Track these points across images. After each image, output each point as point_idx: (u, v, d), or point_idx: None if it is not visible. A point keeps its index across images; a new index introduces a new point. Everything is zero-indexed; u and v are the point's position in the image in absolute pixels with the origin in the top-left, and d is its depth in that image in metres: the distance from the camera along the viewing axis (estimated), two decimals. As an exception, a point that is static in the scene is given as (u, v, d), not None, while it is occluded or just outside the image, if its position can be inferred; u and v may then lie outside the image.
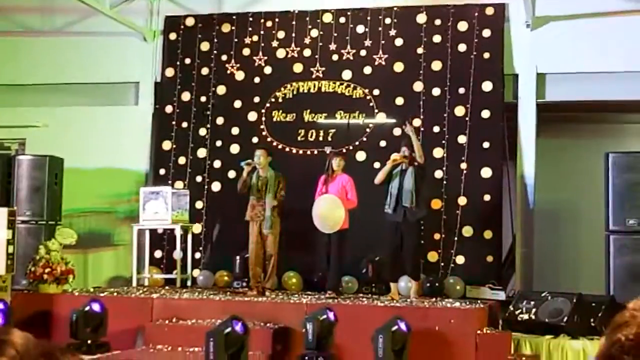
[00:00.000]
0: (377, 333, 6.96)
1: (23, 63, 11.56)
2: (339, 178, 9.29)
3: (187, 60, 11.20)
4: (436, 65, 10.45)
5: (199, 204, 10.75)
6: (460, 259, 9.90)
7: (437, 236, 9.99)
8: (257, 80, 10.99)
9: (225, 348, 6.63)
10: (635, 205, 8.71)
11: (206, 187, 10.84)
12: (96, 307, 8.12)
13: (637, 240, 8.69)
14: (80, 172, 10.74)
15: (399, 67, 10.60)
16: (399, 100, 10.50)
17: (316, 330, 7.29)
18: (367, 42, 10.73)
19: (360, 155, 10.33)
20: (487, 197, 9.96)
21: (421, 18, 10.61)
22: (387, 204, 8.85)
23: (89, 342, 8.08)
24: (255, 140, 10.77)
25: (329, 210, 8.92)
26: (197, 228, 10.62)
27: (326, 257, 9.13)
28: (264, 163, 9.34)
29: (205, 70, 11.14)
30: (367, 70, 10.68)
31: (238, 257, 10.01)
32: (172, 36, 11.33)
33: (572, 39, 10.15)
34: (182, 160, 10.96)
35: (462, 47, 10.41)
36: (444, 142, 10.22)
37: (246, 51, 11.07)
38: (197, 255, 10.55)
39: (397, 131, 10.41)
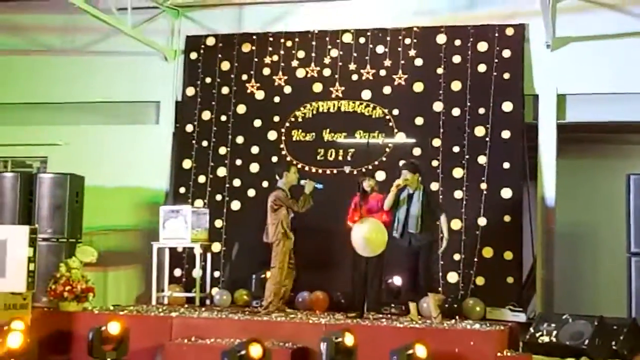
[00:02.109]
0: (392, 355, 6.93)
1: (45, 81, 11.67)
2: (374, 198, 9.28)
3: (208, 80, 11.27)
4: (456, 86, 10.46)
5: (218, 223, 10.78)
6: (480, 280, 9.86)
7: (456, 257, 9.96)
8: (277, 99, 11.04)
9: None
10: (657, 227, 8.65)
11: (226, 206, 10.86)
12: (115, 325, 8.11)
13: (658, 262, 8.62)
14: (100, 190, 10.81)
15: (418, 87, 10.61)
16: (419, 120, 10.51)
17: (331, 351, 7.26)
18: (387, 62, 10.76)
19: (380, 175, 10.31)
20: (507, 218, 9.92)
21: (441, 38, 10.63)
22: (395, 229, 8.83)
23: (109, 360, 8.09)
24: (274, 159, 10.81)
25: (373, 234, 8.83)
26: (216, 247, 10.64)
27: (360, 279, 9.10)
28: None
29: (225, 90, 11.20)
30: (387, 90, 10.70)
31: (254, 276, 10.03)
32: (193, 55, 11.41)
33: (593, 60, 10.14)
34: (202, 179, 11.00)
35: (482, 68, 10.41)
36: (463, 162, 10.21)
37: (266, 71, 11.13)
38: (216, 274, 10.56)
39: (417, 151, 10.42)
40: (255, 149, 10.95)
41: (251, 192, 10.84)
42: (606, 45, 10.13)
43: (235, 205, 10.87)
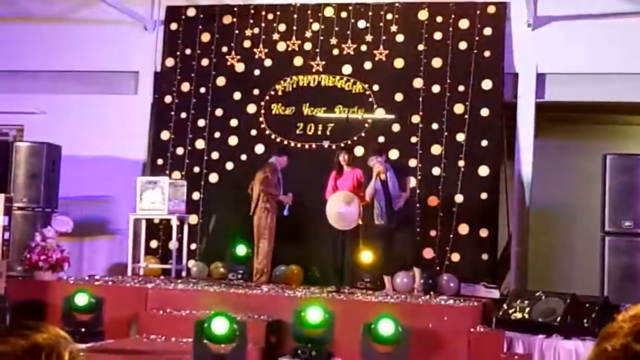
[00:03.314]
0: (364, 328, 6.98)
1: (22, 49, 11.53)
2: (349, 173, 9.30)
3: (188, 51, 11.19)
4: (436, 62, 10.45)
5: (196, 195, 10.75)
6: (455, 257, 9.92)
7: (432, 233, 10.01)
8: (257, 72, 10.99)
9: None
10: (631, 207, 8.73)
11: (204, 178, 10.84)
12: (83, 295, 8.09)
13: (632, 242, 8.71)
14: (77, 159, 10.73)
15: (399, 63, 10.60)
16: (399, 96, 10.50)
17: (299, 324, 7.32)
18: (368, 37, 10.73)
19: (359, 150, 10.32)
20: (484, 196, 9.97)
21: (423, 15, 10.61)
22: (379, 216, 8.84)
23: (82, 330, 8.08)
24: (253, 132, 10.78)
25: (347, 207, 8.89)
26: (193, 219, 10.62)
27: (335, 253, 9.12)
28: None
29: (205, 61, 11.13)
30: (368, 65, 10.68)
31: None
32: (173, 26, 11.32)
33: (573, 39, 10.16)
34: (180, 150, 10.96)
35: (462, 45, 10.41)
36: (442, 139, 10.23)
37: (247, 43, 11.06)
38: (193, 246, 10.55)
39: (396, 127, 10.43)
40: (234, 122, 10.91)
41: (229, 165, 10.82)
42: (587, 25, 10.14)
43: (213, 177, 10.84)
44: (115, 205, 10.89)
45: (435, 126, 10.28)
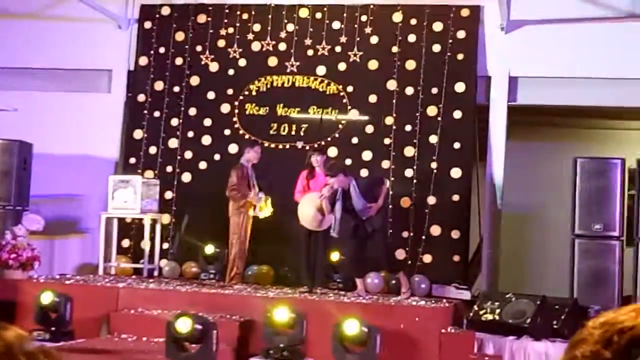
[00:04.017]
0: (334, 329, 7.01)
1: (-5, 45, 11.44)
2: (321, 174, 9.31)
3: (162, 50, 11.14)
4: (410, 65, 10.50)
5: (168, 195, 10.71)
6: (427, 258, 9.97)
7: (405, 234, 10.05)
8: (231, 72, 10.97)
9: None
10: (601, 211, 8.85)
11: (176, 177, 10.80)
12: (54, 294, 8.04)
13: (601, 245, 8.83)
14: (49, 157, 10.65)
15: (373, 64, 10.63)
16: (372, 98, 10.54)
17: (270, 324, 7.34)
18: (343, 39, 10.75)
19: (332, 151, 10.35)
20: (456, 197, 10.03)
21: (397, 17, 10.65)
22: (332, 229, 8.84)
23: (52, 329, 8.04)
24: (227, 132, 10.76)
25: (318, 208, 8.91)
26: (166, 218, 10.59)
27: (307, 254, 9.14)
28: None
29: (179, 60, 11.09)
30: (342, 66, 10.70)
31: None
32: (147, 25, 11.27)
33: (545, 43, 10.25)
34: (153, 149, 10.91)
35: (436, 48, 10.46)
36: (415, 141, 10.28)
37: (221, 43, 11.04)
38: (165, 245, 10.52)
39: (369, 128, 10.46)
40: (207, 121, 10.88)
41: (202, 165, 10.79)
42: (559, 30, 10.24)
43: (186, 177, 10.81)
44: (87, 204, 10.83)
45: (408, 128, 10.33)
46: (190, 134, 10.88)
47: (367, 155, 10.36)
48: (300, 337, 7.38)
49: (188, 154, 10.85)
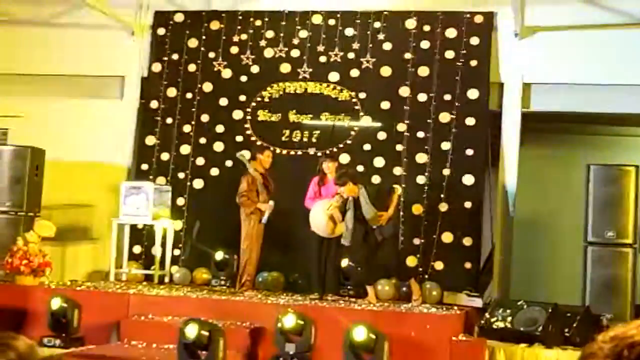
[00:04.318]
0: (345, 336, 6.98)
1: (8, 52, 11.48)
2: (333, 181, 9.29)
3: (175, 56, 11.17)
4: (423, 71, 10.47)
5: (180, 201, 10.72)
6: (438, 265, 9.92)
7: (416, 241, 10.00)
8: (243, 79, 10.97)
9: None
10: (614, 218, 8.77)
11: (188, 184, 10.81)
12: (64, 300, 8.06)
13: (614, 252, 8.75)
14: (62, 164, 10.69)
15: (386, 71, 10.60)
16: (385, 105, 10.51)
17: (280, 330, 7.32)
18: (356, 45, 10.73)
19: (344, 158, 10.33)
20: (468, 204, 9.97)
21: (410, 23, 10.62)
22: (344, 237, 8.83)
23: (63, 335, 8.05)
24: (239, 139, 10.76)
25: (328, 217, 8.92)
26: (177, 225, 10.59)
27: (319, 260, 9.11)
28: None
29: (192, 67, 11.11)
30: (354, 73, 10.68)
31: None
32: (161, 31, 11.30)
33: (559, 50, 10.20)
34: (165, 156, 10.93)
35: (449, 54, 10.42)
36: (427, 147, 10.24)
37: (234, 49, 11.05)
38: (177, 252, 10.52)
39: (382, 135, 10.43)
40: (220, 128, 10.89)
41: (214, 171, 10.80)
42: (572, 36, 10.18)
43: (198, 183, 10.81)
44: (99, 210, 10.85)
45: (420, 134, 10.29)
46: (203, 140, 10.89)
47: (379, 162, 10.33)
48: (309, 344, 7.34)
49: (200, 161, 10.86)
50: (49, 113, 11.13)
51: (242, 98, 10.89)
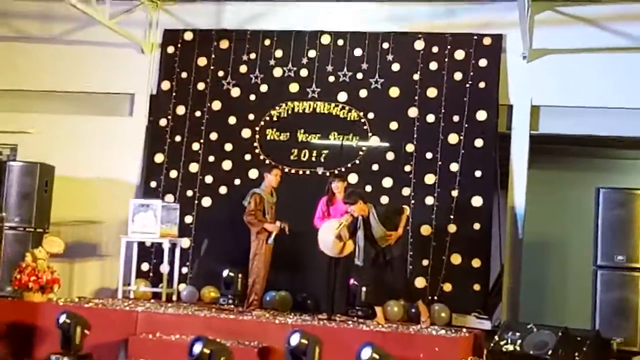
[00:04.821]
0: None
1: (19, 69, 11.54)
2: (341, 201, 9.30)
3: (184, 75, 11.21)
4: (431, 92, 10.50)
5: (188, 219, 10.73)
6: (447, 287, 9.90)
7: (425, 262, 10.00)
8: (252, 97, 11.01)
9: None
10: (624, 242, 8.76)
11: (196, 202, 10.82)
12: (69, 317, 8.05)
13: (624, 276, 8.73)
14: (71, 180, 10.71)
15: (394, 92, 10.63)
16: (393, 125, 10.53)
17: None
18: (364, 66, 10.77)
19: (353, 178, 10.34)
20: (476, 226, 9.97)
21: (419, 44, 10.66)
22: (357, 257, 8.85)
23: (71, 352, 8.04)
24: (248, 157, 10.78)
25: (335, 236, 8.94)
26: (185, 242, 10.59)
27: (328, 280, 9.11)
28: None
29: (201, 85, 11.14)
30: (363, 93, 10.71)
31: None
32: (170, 49, 11.35)
33: (568, 72, 10.22)
34: (173, 173, 10.95)
35: (458, 76, 10.46)
36: (436, 168, 10.25)
37: (243, 68, 11.09)
38: (184, 270, 10.51)
39: (390, 155, 10.45)
40: (228, 146, 10.91)
41: (223, 189, 10.81)
42: (581, 59, 10.21)
43: (206, 201, 10.82)
44: (108, 227, 10.85)
45: (429, 155, 10.31)
46: (211, 158, 10.91)
47: (387, 182, 10.34)
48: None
49: (208, 179, 10.87)
50: (58, 129, 11.17)
51: (251, 117, 10.92)
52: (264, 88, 11.01)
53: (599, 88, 10.11)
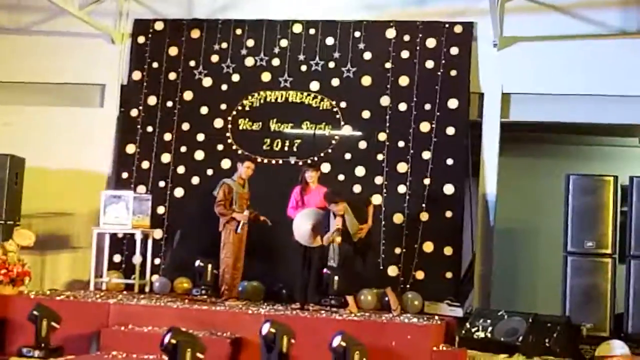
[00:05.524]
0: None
1: (-12, 60, 11.44)
2: (316, 190, 9.31)
3: (155, 65, 11.14)
4: (403, 81, 10.51)
5: (160, 210, 10.69)
6: (419, 274, 9.95)
7: (397, 250, 10.04)
8: (224, 87, 10.97)
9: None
10: (594, 228, 8.83)
11: (169, 192, 10.78)
12: (39, 310, 8.01)
13: (594, 262, 8.80)
14: (41, 172, 10.64)
15: (366, 80, 10.64)
16: (366, 114, 10.54)
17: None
18: (336, 54, 10.76)
19: (325, 167, 10.35)
20: (448, 214, 10.02)
21: (390, 33, 10.66)
22: (331, 258, 8.90)
23: (42, 345, 8.00)
24: (220, 147, 10.75)
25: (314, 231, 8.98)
26: (157, 233, 10.56)
27: (302, 269, 9.12)
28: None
29: (172, 75, 11.09)
30: (335, 82, 10.70)
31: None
32: (141, 39, 11.27)
33: (538, 60, 10.28)
34: (145, 164, 10.89)
35: (429, 64, 10.48)
36: (408, 157, 10.28)
37: (214, 58, 11.04)
38: (157, 261, 10.49)
39: (362, 144, 10.46)
40: (200, 137, 10.87)
41: (195, 180, 10.78)
42: (551, 46, 10.27)
43: (179, 192, 10.78)
44: (79, 219, 10.79)
45: (401, 144, 10.33)
46: (183, 149, 10.87)
47: (360, 171, 10.36)
48: (283, 354, 7.30)
49: (181, 169, 10.83)
50: (28, 121, 11.08)
51: (223, 107, 10.88)
52: (235, 78, 10.97)
53: (569, 75, 10.18)
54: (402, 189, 10.21)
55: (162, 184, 10.80)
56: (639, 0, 10.14)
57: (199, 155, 10.84)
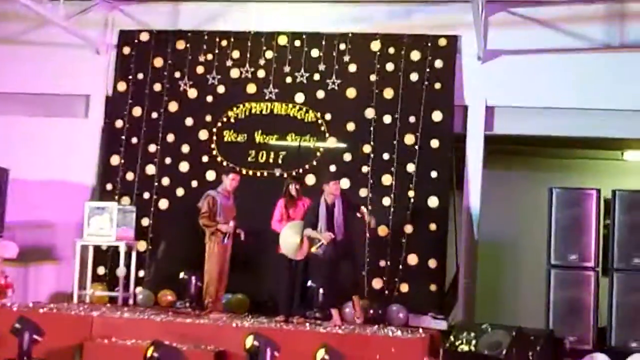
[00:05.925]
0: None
1: (-29, 70, 11.38)
2: (301, 202, 9.31)
3: (140, 76, 11.13)
4: (388, 93, 10.55)
5: (145, 221, 10.66)
6: (404, 287, 9.97)
7: (382, 263, 10.05)
8: (209, 98, 10.97)
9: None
10: (577, 241, 8.88)
11: (153, 204, 10.75)
12: (20, 322, 7.95)
13: (577, 275, 8.85)
14: (25, 183, 10.58)
15: (351, 92, 10.66)
16: (350, 126, 10.57)
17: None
18: (321, 67, 10.78)
19: (310, 179, 10.36)
20: (433, 227, 10.04)
21: (375, 45, 10.70)
22: (316, 245, 8.89)
23: (25, 358, 7.94)
24: (205, 159, 10.75)
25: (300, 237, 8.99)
26: (142, 245, 10.53)
27: (287, 282, 9.11)
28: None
29: (157, 87, 11.08)
30: (320, 94, 10.73)
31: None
32: (126, 50, 11.26)
33: (522, 73, 10.33)
34: (130, 176, 10.87)
35: (414, 77, 10.52)
36: (392, 169, 10.30)
37: (200, 69, 11.05)
38: (142, 273, 10.45)
39: (347, 156, 10.48)
40: (185, 148, 10.87)
41: (180, 192, 10.76)
42: (535, 60, 10.32)
43: (163, 204, 10.77)
44: (63, 231, 10.74)
45: (386, 156, 10.36)
46: (168, 160, 10.85)
47: (344, 184, 10.31)
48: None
49: (165, 181, 10.82)
50: (12, 131, 11.04)
51: (208, 118, 10.88)
52: (221, 89, 10.97)
53: (553, 88, 10.24)
54: (386, 201, 10.23)
55: (146, 195, 10.78)
56: (622, 15, 10.22)
57: (184, 166, 10.83)
